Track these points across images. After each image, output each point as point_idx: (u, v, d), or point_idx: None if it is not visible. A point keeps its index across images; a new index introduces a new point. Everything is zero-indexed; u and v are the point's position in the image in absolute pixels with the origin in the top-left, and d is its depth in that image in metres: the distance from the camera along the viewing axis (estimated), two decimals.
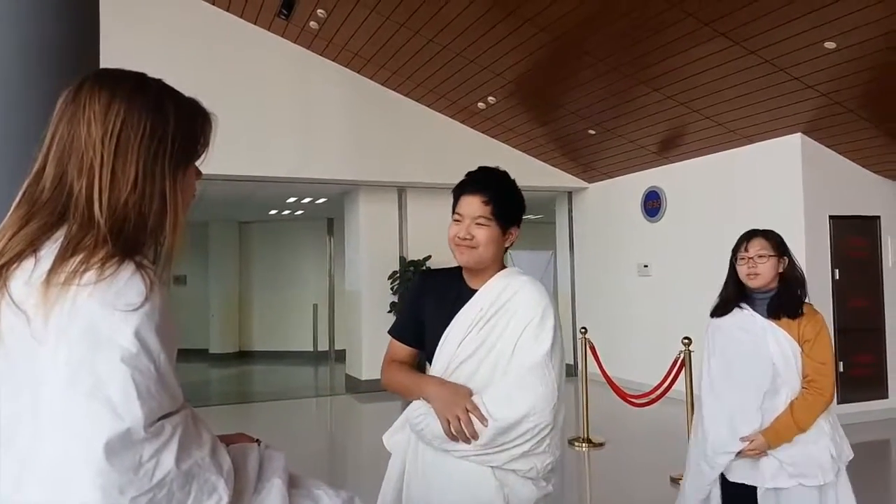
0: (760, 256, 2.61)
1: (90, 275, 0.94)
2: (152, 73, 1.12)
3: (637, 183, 8.76)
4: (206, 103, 1.16)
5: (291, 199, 10.82)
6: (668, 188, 8.35)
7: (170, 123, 1.06)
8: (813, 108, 6.20)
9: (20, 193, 1.04)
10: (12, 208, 1.04)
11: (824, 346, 2.55)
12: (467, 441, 1.73)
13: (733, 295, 2.70)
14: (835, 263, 6.86)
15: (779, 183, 6.93)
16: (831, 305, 6.78)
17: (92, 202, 1.00)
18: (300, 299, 13.27)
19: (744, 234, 2.73)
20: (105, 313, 0.92)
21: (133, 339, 0.92)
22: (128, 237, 1.01)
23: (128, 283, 0.95)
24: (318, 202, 10.97)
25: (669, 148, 7.88)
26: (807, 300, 2.65)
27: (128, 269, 0.96)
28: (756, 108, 6.44)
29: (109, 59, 1.88)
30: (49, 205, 1.02)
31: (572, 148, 8.72)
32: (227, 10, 7.69)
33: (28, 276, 0.96)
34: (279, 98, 7.94)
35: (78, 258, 0.95)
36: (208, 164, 1.18)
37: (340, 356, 11.13)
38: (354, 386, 9.23)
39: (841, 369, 6.76)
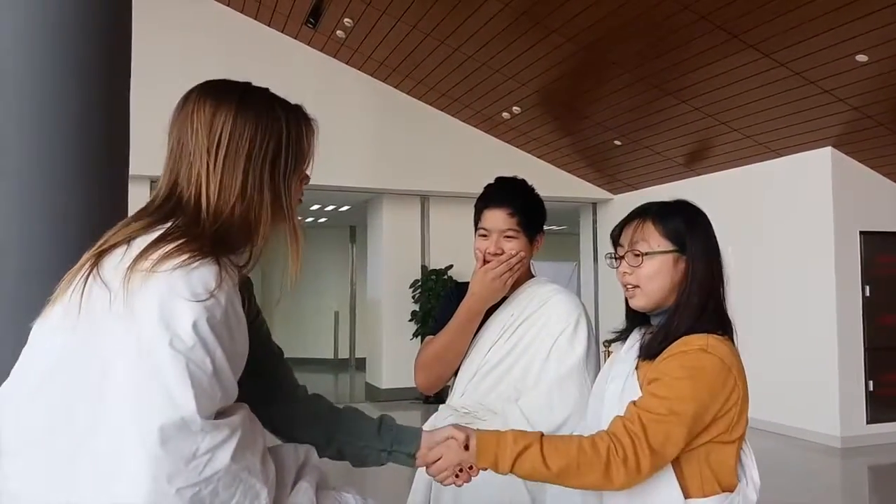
0: (636, 255, 1.47)
1: (171, 262, 0.96)
2: (178, 79, 1.13)
3: (663, 195, 8.48)
4: None
5: (315, 207, 10.88)
6: (695, 201, 8.19)
7: (279, 133, 1.09)
8: (843, 121, 6.10)
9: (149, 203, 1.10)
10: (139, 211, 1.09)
11: (667, 390, 1.33)
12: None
13: (630, 316, 1.59)
14: (865, 280, 6.72)
15: (808, 197, 6.83)
16: (861, 323, 6.65)
17: (200, 207, 1.04)
18: (322, 306, 13.31)
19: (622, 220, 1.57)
20: (170, 300, 0.94)
21: (191, 331, 0.93)
22: (228, 242, 1.03)
23: (200, 276, 0.96)
24: (341, 210, 11.02)
25: (697, 160, 7.80)
26: (728, 328, 1.47)
27: (207, 265, 0.98)
28: (785, 121, 6.35)
29: (136, 66, 1.89)
30: (160, 209, 1.06)
31: (597, 159, 8.67)
32: (255, 18, 7.78)
33: (118, 260, 0.99)
34: (304, 105, 7.98)
35: (169, 246, 0.98)
36: None
37: (361, 364, 11.14)
38: (374, 394, 9.23)
39: (871, 388, 6.63)
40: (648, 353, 1.45)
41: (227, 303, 0.98)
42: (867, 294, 6.71)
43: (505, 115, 8.10)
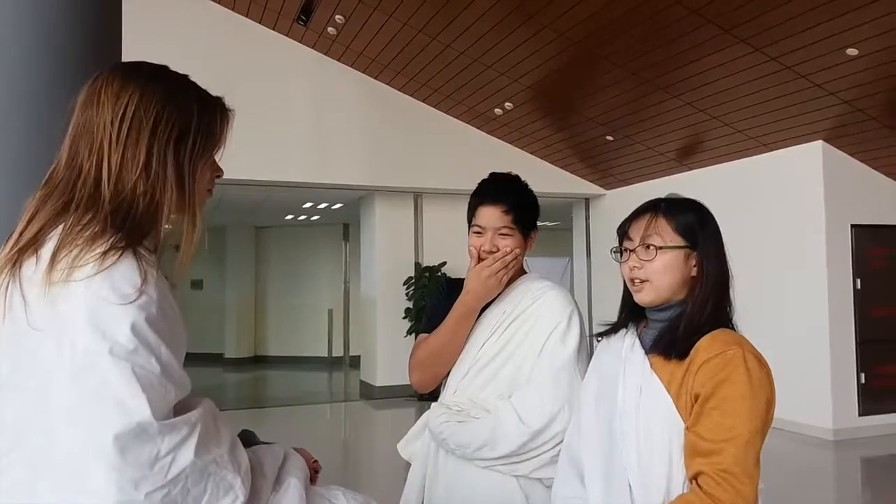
0: (648, 247, 1.47)
1: (88, 268, 0.93)
2: None
3: (655, 190, 8.57)
4: None
5: (307, 205, 10.85)
6: (687, 196, 8.26)
7: (188, 113, 1.06)
8: (834, 115, 6.12)
9: (45, 177, 1.06)
10: (38, 189, 1.05)
11: (735, 409, 1.31)
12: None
13: (628, 309, 1.57)
14: (856, 273, 6.75)
15: (799, 191, 6.85)
16: (853, 316, 6.68)
17: (100, 181, 1.01)
18: (315, 304, 13.29)
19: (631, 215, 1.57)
20: (100, 307, 0.91)
21: (129, 335, 0.91)
22: (133, 224, 1.00)
23: (123, 276, 0.94)
24: (333, 207, 11.00)
25: (688, 155, 7.82)
26: (732, 324, 1.47)
27: (126, 261, 0.95)
28: (777, 115, 6.37)
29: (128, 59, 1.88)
30: (62, 185, 1.02)
31: (590, 154, 8.67)
32: (246, 16, 7.75)
33: (31, 271, 0.96)
34: (296, 103, 7.97)
35: (76, 250, 0.94)
36: (225, 168, 1.17)
37: (355, 362, 11.14)
38: (369, 392, 9.22)
39: (862, 381, 6.66)
40: (668, 348, 1.42)
41: (159, 294, 0.96)
42: (859, 287, 6.74)
43: (497, 111, 8.09)
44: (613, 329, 1.59)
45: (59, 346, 0.91)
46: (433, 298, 2.02)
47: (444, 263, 8.81)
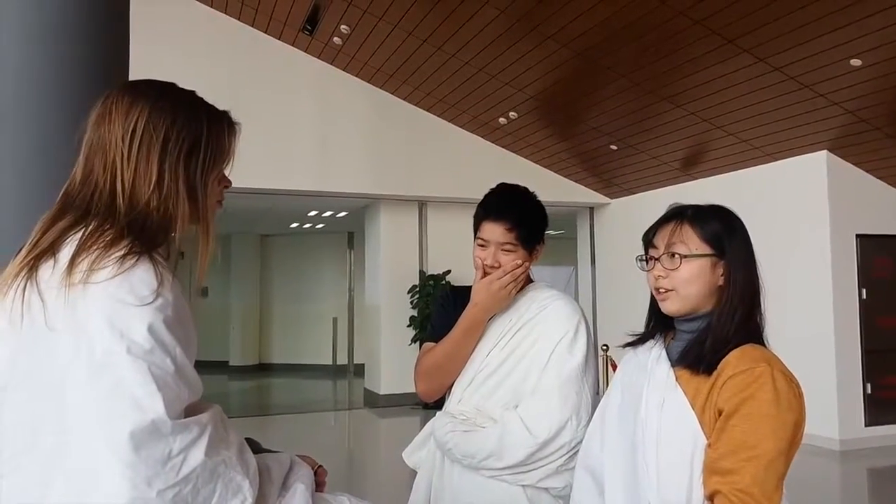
0: (673, 256, 1.42)
1: (106, 271, 0.95)
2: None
3: (660, 199, 8.62)
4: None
5: (312, 213, 10.88)
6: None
7: (197, 129, 1.09)
8: (839, 125, 6.12)
9: (61, 192, 1.09)
10: (54, 205, 1.08)
11: (758, 428, 1.27)
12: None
13: (655, 319, 1.53)
14: (862, 283, 6.74)
15: (804, 201, 6.84)
16: (858, 326, 6.66)
17: (115, 195, 1.04)
18: (320, 313, 13.30)
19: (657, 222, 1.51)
20: (118, 309, 0.94)
21: (146, 335, 0.93)
22: (148, 234, 1.03)
23: (140, 279, 0.96)
24: (338, 216, 11.03)
25: (693, 164, 7.82)
26: (763, 338, 1.44)
27: (143, 265, 0.98)
28: (781, 125, 6.37)
29: (133, 73, 1.90)
30: (79, 200, 1.05)
31: (594, 164, 8.68)
32: (252, 26, 7.79)
33: (49, 274, 0.98)
34: (302, 112, 8.01)
35: (95, 254, 0.97)
36: (231, 177, 1.19)
37: (359, 370, 11.13)
38: (373, 400, 9.22)
39: (869, 391, 6.63)
40: (695, 362, 1.37)
41: (174, 298, 0.99)
42: (864, 297, 6.72)
43: (501, 120, 8.11)
44: (641, 339, 1.54)
45: (76, 346, 0.93)
46: (437, 308, 2.01)
47: (448, 272, 8.81)
